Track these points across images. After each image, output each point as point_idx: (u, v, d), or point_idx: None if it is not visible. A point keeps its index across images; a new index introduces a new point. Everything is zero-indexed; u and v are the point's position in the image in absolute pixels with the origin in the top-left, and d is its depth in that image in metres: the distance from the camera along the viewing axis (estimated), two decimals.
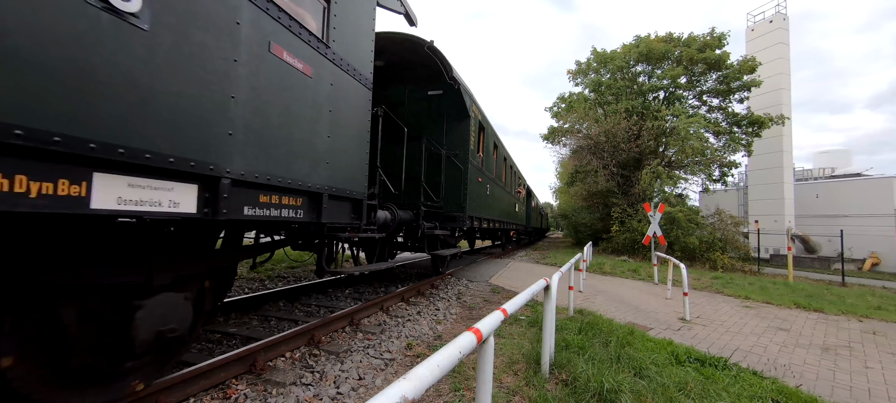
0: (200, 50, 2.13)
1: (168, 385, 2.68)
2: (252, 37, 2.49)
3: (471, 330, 1.86)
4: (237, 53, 2.38)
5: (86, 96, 1.60)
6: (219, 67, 2.25)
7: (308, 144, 3.09)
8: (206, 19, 2.17)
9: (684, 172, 21.14)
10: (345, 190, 3.64)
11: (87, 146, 1.59)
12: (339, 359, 3.72)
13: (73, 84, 1.57)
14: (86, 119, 1.60)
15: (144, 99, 1.84)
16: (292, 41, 2.86)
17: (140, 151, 1.81)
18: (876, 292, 12.05)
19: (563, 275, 4.68)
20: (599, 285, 9.39)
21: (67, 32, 1.54)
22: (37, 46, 1.45)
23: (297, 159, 2.97)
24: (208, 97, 2.19)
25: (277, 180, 2.73)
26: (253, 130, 2.51)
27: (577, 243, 25.89)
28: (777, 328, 6.02)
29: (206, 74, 2.17)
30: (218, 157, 2.25)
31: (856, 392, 3.77)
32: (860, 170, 32.16)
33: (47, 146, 1.48)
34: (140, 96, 1.82)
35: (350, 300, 6.21)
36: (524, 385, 3.23)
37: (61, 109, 1.53)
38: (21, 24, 1.41)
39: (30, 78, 1.44)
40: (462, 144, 7.77)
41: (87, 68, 1.61)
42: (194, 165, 2.09)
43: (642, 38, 23.02)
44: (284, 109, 2.80)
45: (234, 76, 2.35)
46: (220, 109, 2.27)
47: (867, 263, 25.31)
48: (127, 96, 1.76)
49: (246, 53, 2.44)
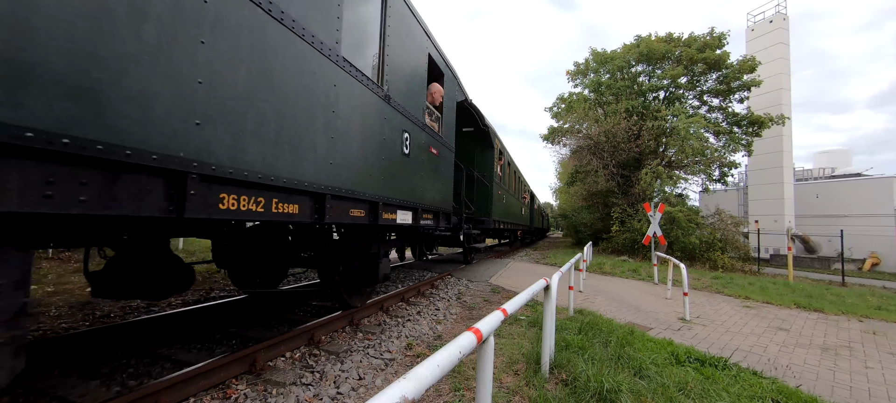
0: (446, 168, 6.63)
1: (168, 384, 2.68)
2: (442, 154, 6.37)
3: (471, 330, 1.86)
4: (438, 161, 6.14)
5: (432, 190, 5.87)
6: (448, 175, 6.72)
7: (439, 189, 6.26)
8: (445, 160, 6.46)
9: (684, 172, 21.14)
10: (446, 209, 6.71)
11: (419, 209, 5.34)
12: (339, 359, 3.72)
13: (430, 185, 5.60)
14: (417, 199, 5.29)
15: (433, 188, 5.86)
16: (433, 142, 5.93)
17: (423, 208, 5.50)
18: (876, 292, 12.05)
19: (563, 275, 4.68)
20: (599, 285, 9.39)
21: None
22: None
23: (435, 194, 6.05)
24: (435, 180, 6.01)
25: (432, 208, 5.95)
26: (437, 188, 6.12)
27: (577, 243, 25.89)
28: (777, 328, 6.02)
29: (442, 175, 6.45)
30: (422, 202, 5.46)
31: (856, 392, 3.77)
32: (860, 170, 32.18)
33: (423, 208, 5.54)
34: (428, 185, 5.64)
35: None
36: (524, 385, 3.23)
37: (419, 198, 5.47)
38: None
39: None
40: (488, 168, 10.57)
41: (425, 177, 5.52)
42: (413, 207, 5.17)
43: (643, 38, 23.01)
44: (433, 174, 5.94)
45: (433, 169, 5.94)
46: (432, 182, 5.86)
47: (867, 263, 25.32)
48: (432, 185, 5.88)
49: (435, 157, 6.02)
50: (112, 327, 3.90)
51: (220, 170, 2.20)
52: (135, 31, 1.75)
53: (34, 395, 2.75)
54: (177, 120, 1.96)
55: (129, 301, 5.33)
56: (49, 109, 1.46)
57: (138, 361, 3.43)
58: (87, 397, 2.74)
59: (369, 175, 3.96)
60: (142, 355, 3.53)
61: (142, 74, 1.79)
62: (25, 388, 2.82)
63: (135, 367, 3.31)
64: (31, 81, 1.41)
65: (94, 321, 4.60)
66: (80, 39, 1.55)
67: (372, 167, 4.01)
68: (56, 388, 2.82)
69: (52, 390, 2.79)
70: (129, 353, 3.55)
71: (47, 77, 1.45)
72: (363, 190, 3.82)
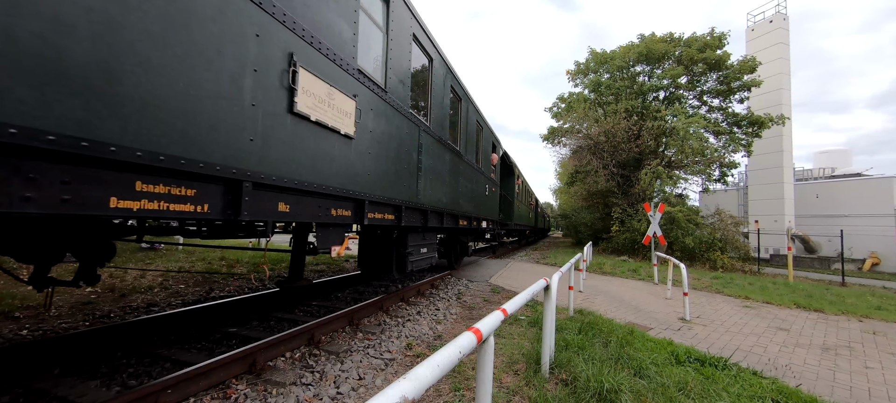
0: (495, 196, 11.64)
1: (168, 384, 2.68)
2: (495, 190, 11.61)
3: (471, 330, 1.86)
4: (495, 194, 11.51)
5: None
6: (496, 199, 11.75)
7: (493, 208, 11.11)
8: (495, 193, 11.69)
9: (684, 172, 21.13)
10: (495, 218, 11.24)
11: (488, 220, 10.62)
12: (339, 359, 3.72)
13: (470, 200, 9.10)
14: (488, 216, 10.54)
15: (492, 209, 11.14)
16: (492, 185, 10.94)
17: (489, 220, 10.89)
18: (876, 292, 12.05)
19: (563, 275, 4.68)
20: (599, 285, 9.39)
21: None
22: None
23: (493, 212, 11.06)
24: (492, 204, 11.16)
25: (491, 219, 10.83)
26: (493, 208, 11.15)
27: (577, 243, 25.89)
28: (777, 328, 6.02)
29: (495, 200, 11.50)
30: (489, 217, 10.73)
31: (856, 392, 3.77)
32: (860, 170, 32.17)
33: (490, 220, 10.88)
34: (491, 206, 10.93)
35: (350, 299, 6.21)
36: (524, 385, 3.23)
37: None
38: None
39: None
40: (511, 188, 14.89)
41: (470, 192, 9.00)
42: (488, 219, 10.45)
43: (644, 38, 22.99)
44: (492, 200, 11.08)
45: (492, 197, 11.05)
46: (491, 204, 11.01)
47: (867, 263, 25.31)
48: (491, 206, 10.99)
49: (494, 193, 11.38)
50: (112, 327, 3.90)
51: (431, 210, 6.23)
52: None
53: (34, 395, 2.75)
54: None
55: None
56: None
57: (138, 361, 3.43)
58: (86, 397, 2.73)
59: (474, 205, 8.79)
60: (142, 355, 3.53)
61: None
62: (25, 388, 2.82)
63: (135, 367, 3.31)
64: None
65: (94, 321, 4.60)
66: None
67: (476, 201, 9.00)
68: (56, 388, 2.82)
69: (52, 390, 2.79)
70: (129, 353, 3.55)
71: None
72: (473, 213, 8.64)
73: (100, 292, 5.83)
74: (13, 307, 4.78)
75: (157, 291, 6.22)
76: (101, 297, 5.61)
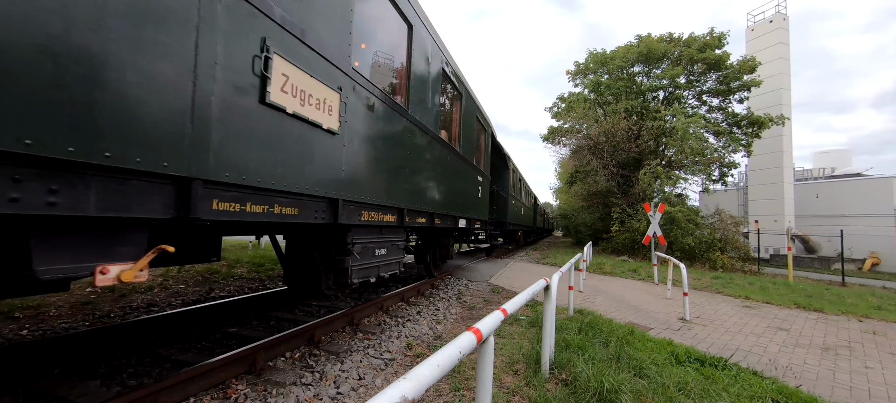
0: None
1: (168, 385, 2.68)
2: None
3: (471, 330, 1.86)
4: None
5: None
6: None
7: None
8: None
9: (684, 172, 21.13)
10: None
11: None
12: (339, 359, 3.72)
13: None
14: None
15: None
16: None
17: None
18: (876, 292, 12.04)
19: (563, 275, 4.68)
20: (599, 285, 9.39)
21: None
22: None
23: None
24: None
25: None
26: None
27: (577, 243, 25.89)
28: (777, 328, 6.02)
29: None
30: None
31: (856, 392, 3.77)
32: (860, 170, 32.17)
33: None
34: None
35: (350, 299, 6.21)
36: (524, 385, 3.23)
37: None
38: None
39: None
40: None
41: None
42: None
43: (643, 38, 23.00)
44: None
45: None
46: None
47: (867, 263, 25.30)
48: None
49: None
50: (112, 327, 3.90)
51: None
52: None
53: (34, 395, 2.75)
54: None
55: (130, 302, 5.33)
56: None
57: (138, 361, 3.43)
58: (86, 397, 2.73)
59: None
60: (142, 355, 3.53)
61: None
62: (25, 388, 2.82)
63: (135, 367, 3.31)
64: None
65: (93, 321, 4.60)
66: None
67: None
68: (56, 388, 2.82)
69: (52, 390, 2.79)
70: (129, 353, 3.55)
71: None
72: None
73: (99, 291, 5.83)
74: (13, 307, 4.78)
75: (157, 291, 6.22)
76: (101, 297, 5.61)
